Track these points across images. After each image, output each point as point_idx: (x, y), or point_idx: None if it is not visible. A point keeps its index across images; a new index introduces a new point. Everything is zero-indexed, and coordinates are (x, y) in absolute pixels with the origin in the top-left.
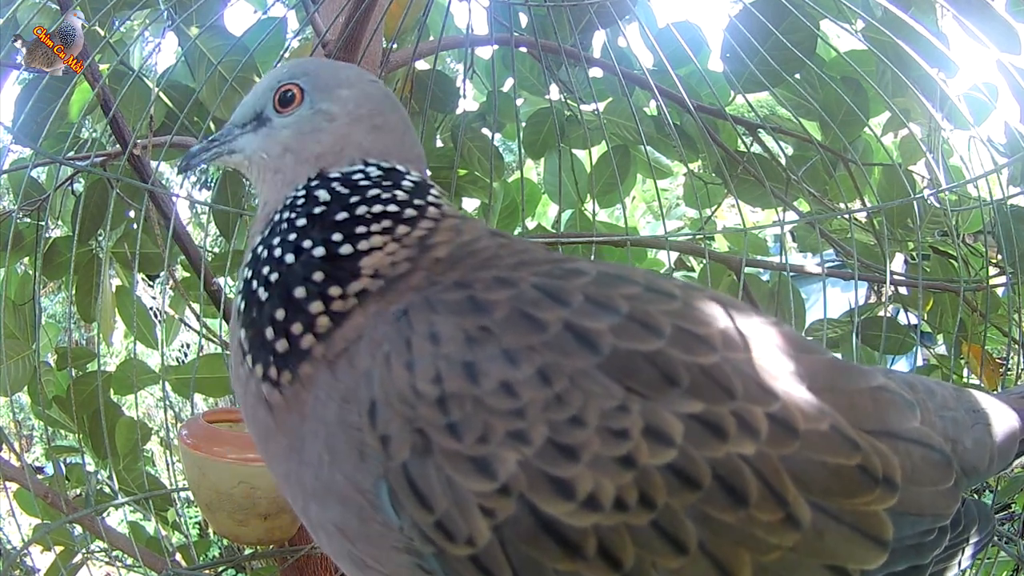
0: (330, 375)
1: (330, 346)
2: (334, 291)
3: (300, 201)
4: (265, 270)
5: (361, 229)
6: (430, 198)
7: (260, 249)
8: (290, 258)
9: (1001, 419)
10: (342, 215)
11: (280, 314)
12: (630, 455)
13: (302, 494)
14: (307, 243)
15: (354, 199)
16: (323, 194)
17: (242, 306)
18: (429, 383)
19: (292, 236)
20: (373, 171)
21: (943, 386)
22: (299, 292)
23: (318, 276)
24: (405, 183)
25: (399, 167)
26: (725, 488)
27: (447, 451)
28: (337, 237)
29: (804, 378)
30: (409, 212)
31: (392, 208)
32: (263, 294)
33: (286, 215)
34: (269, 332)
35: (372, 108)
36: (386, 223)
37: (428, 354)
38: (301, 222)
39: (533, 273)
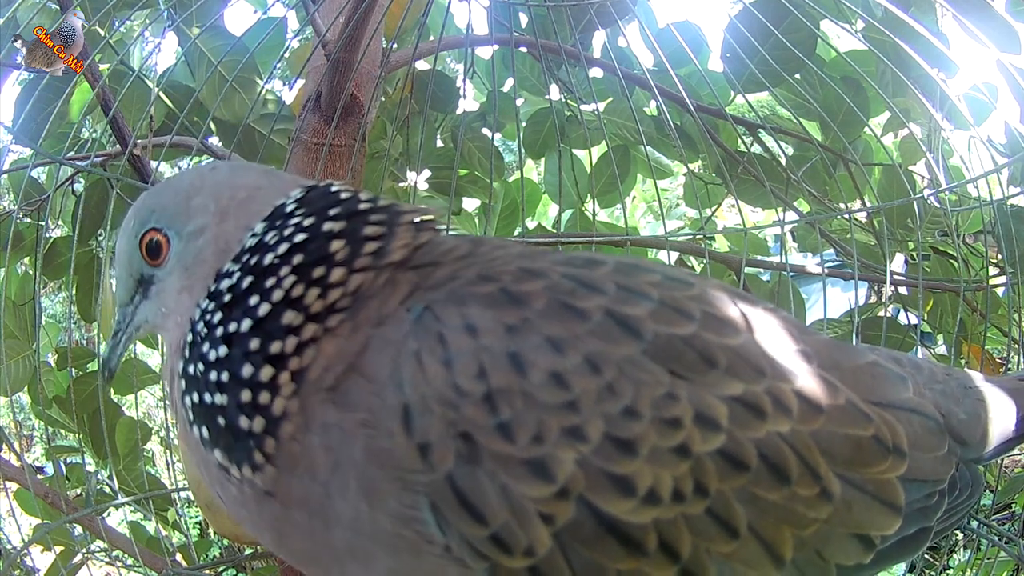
0: (336, 408)
1: (313, 385)
2: (277, 347)
3: (207, 305)
4: (211, 376)
5: (283, 276)
6: (343, 194)
7: (191, 369)
8: (223, 350)
9: (995, 398)
10: (248, 280)
11: (246, 396)
12: (684, 444)
13: (336, 562)
14: (232, 326)
15: (254, 260)
16: (225, 283)
17: (205, 433)
18: (473, 379)
19: (217, 331)
20: (259, 228)
21: (930, 363)
22: (247, 371)
23: (254, 344)
24: (290, 208)
25: (278, 202)
26: (770, 467)
27: (499, 455)
28: (254, 300)
29: (813, 356)
30: (329, 226)
31: (299, 237)
32: (220, 397)
33: (199, 325)
34: (242, 421)
35: (229, 192)
36: (300, 256)
37: (468, 347)
38: (216, 316)
39: (554, 263)
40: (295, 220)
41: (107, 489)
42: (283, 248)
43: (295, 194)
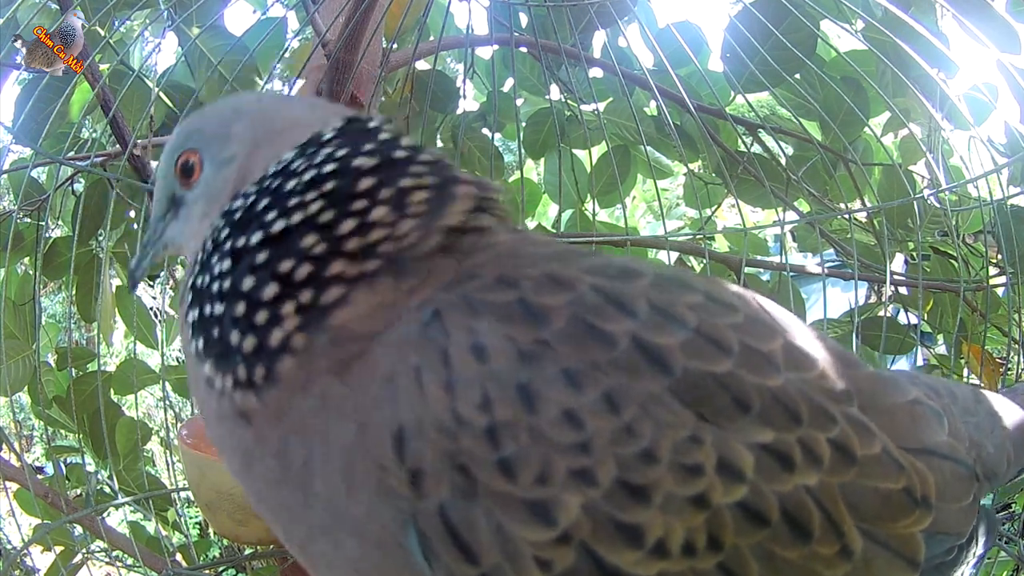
0: (339, 383)
1: (329, 342)
2: (287, 265)
3: (219, 223)
4: (214, 287)
5: (308, 200)
6: (383, 135)
7: (197, 281)
8: (227, 264)
9: (1014, 420)
10: (264, 200)
11: (240, 309)
12: (704, 494)
13: (306, 528)
14: (240, 240)
15: (275, 184)
16: (238, 202)
17: (200, 343)
18: (475, 409)
19: (226, 245)
20: (288, 156)
21: (960, 387)
22: (247, 283)
23: (261, 257)
24: (327, 137)
25: (328, 131)
26: (791, 523)
27: (497, 493)
28: (270, 216)
29: (854, 396)
30: (364, 160)
31: (328, 167)
32: (218, 309)
33: (208, 242)
34: (234, 337)
35: (269, 120)
36: (333, 183)
37: (473, 372)
38: (224, 232)
39: (585, 271)
40: (327, 150)
41: (107, 489)
42: (309, 175)
43: (334, 123)
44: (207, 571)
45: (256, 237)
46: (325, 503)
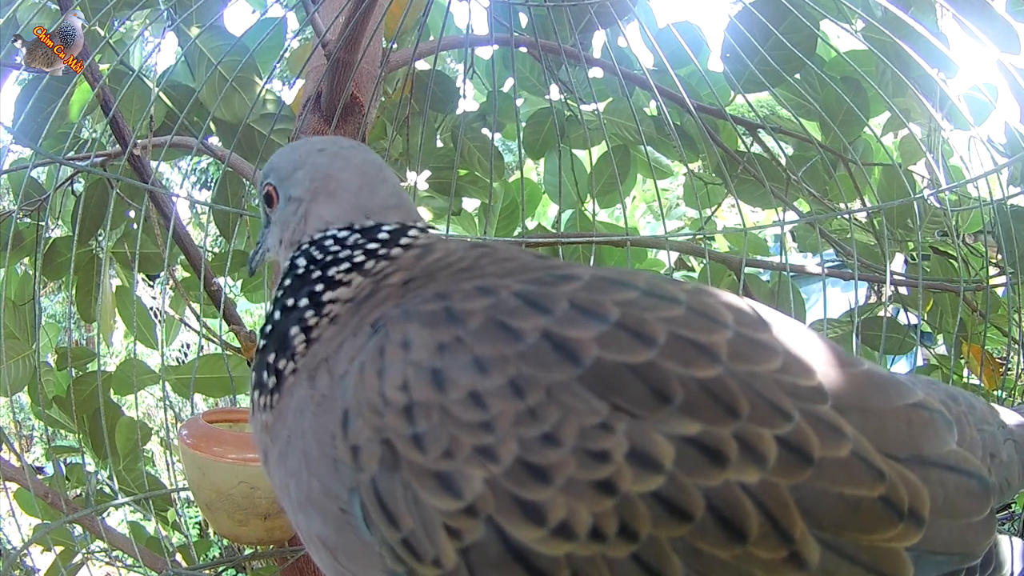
0: (308, 386)
1: (306, 363)
2: (310, 317)
3: (287, 279)
4: (267, 328)
5: (331, 274)
6: (404, 240)
7: (274, 314)
8: (278, 315)
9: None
10: (317, 272)
11: (272, 357)
12: (610, 480)
13: (290, 505)
14: (290, 301)
15: (322, 260)
16: (300, 261)
17: (256, 392)
18: (397, 390)
19: (282, 299)
20: (332, 232)
21: (979, 400)
22: (276, 342)
23: (294, 330)
24: (353, 238)
25: (358, 225)
26: (720, 521)
27: (413, 464)
28: (318, 287)
29: (829, 395)
30: (370, 263)
31: (358, 258)
32: (267, 351)
33: (285, 279)
34: (264, 377)
35: (323, 178)
36: (347, 267)
37: (398, 361)
38: (288, 282)
39: (520, 280)
40: (347, 252)
41: (107, 489)
42: (334, 270)
43: (366, 223)
44: (207, 571)
45: (290, 302)
46: (296, 479)
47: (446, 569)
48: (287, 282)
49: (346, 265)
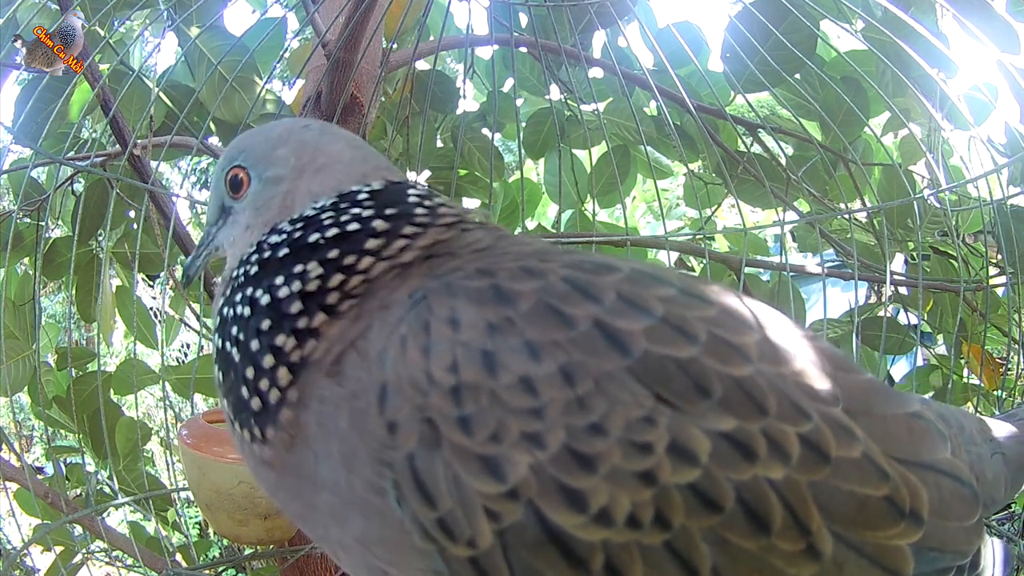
0: (334, 384)
1: (319, 358)
2: (281, 340)
3: (252, 255)
4: (233, 330)
5: (309, 269)
6: (411, 198)
7: (226, 310)
8: (247, 311)
9: (1014, 446)
10: (283, 251)
11: (250, 372)
12: (651, 471)
13: (321, 521)
14: (258, 292)
15: (299, 234)
16: (273, 238)
17: (220, 376)
18: (444, 370)
19: (248, 289)
20: (322, 203)
21: (968, 418)
22: (254, 345)
23: (265, 324)
24: (361, 197)
25: (355, 187)
26: (748, 513)
27: (456, 446)
28: (279, 280)
29: (840, 399)
30: (379, 224)
31: (353, 227)
32: (236, 355)
33: (240, 271)
34: (244, 392)
35: (311, 153)
36: (343, 245)
37: (446, 339)
38: (254, 270)
39: (562, 265)
40: (355, 211)
41: (107, 489)
42: (330, 233)
43: (375, 185)
44: (207, 571)
45: (264, 299)
46: (332, 488)
47: (480, 549)
48: (252, 270)
49: (334, 234)
